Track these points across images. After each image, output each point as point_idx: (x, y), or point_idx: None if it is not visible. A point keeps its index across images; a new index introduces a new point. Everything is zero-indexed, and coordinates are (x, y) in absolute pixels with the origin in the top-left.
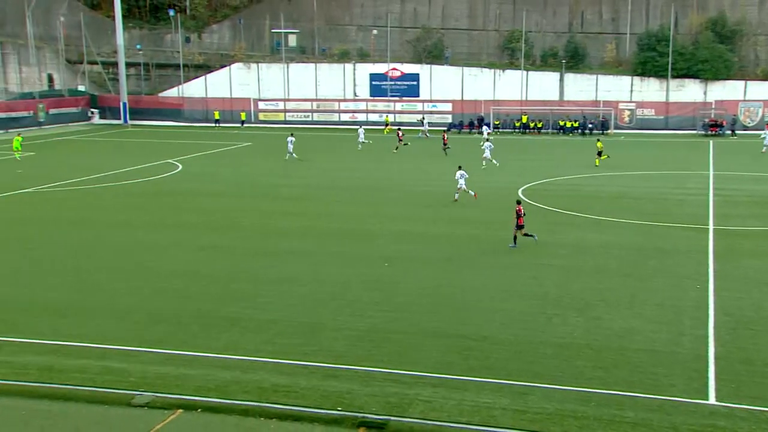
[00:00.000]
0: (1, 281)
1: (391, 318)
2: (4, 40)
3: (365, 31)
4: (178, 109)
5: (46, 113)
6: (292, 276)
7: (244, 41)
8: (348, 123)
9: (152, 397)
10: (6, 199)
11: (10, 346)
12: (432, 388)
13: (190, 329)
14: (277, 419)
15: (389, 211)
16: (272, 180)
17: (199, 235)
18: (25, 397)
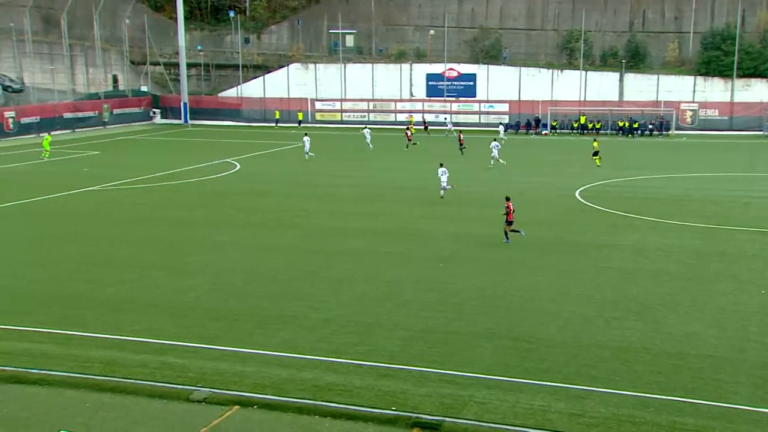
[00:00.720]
0: (68, 277)
1: (446, 318)
2: (72, 43)
3: (422, 31)
4: (236, 109)
5: (111, 113)
6: (347, 275)
7: (302, 42)
8: (405, 123)
9: (210, 392)
10: (72, 196)
11: (77, 340)
12: (487, 389)
13: (246, 327)
14: (332, 418)
15: (444, 212)
16: (329, 180)
17: (256, 234)
18: (90, 390)
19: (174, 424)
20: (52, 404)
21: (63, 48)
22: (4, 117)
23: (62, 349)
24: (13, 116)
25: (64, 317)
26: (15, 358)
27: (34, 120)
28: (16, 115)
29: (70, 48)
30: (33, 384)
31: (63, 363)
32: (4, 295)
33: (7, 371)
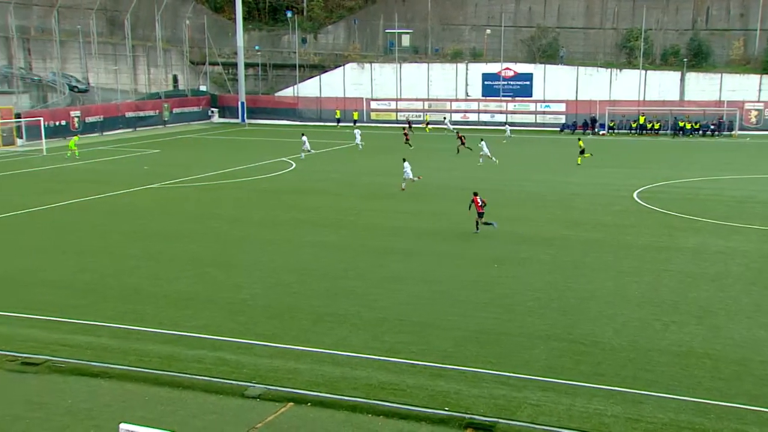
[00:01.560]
0: (129, 272)
1: (500, 319)
2: (135, 44)
3: (479, 30)
4: (293, 109)
5: (171, 112)
6: (401, 274)
7: (358, 41)
8: (460, 123)
9: (264, 389)
10: (133, 194)
11: (137, 334)
12: (541, 391)
13: (301, 324)
14: (384, 417)
15: (499, 212)
16: (383, 179)
17: (311, 232)
18: (148, 384)
19: (229, 420)
20: (113, 397)
21: (126, 49)
22: (70, 116)
23: (122, 343)
24: (78, 116)
25: (124, 312)
26: (78, 351)
27: (98, 119)
28: (82, 115)
29: (133, 49)
30: (95, 377)
31: (123, 357)
32: (67, 289)
33: (71, 364)
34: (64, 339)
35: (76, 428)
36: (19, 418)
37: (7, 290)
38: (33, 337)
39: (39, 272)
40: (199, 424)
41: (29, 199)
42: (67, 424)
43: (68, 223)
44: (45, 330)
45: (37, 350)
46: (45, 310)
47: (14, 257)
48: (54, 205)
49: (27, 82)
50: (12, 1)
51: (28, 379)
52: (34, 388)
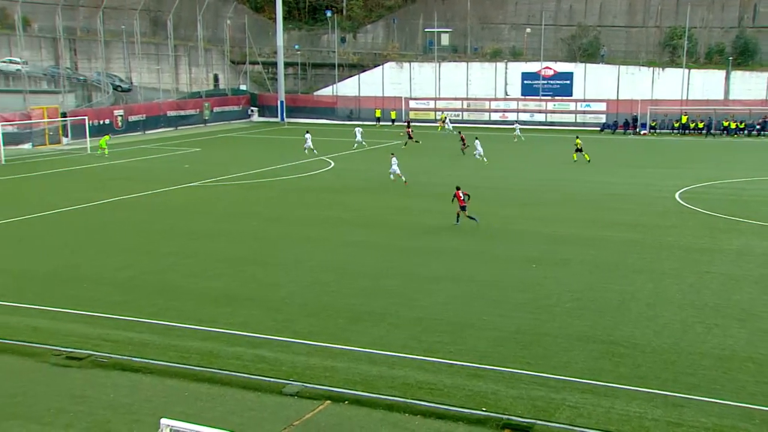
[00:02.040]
0: (169, 269)
1: (539, 320)
2: (177, 43)
3: (519, 29)
4: (331, 108)
5: (211, 111)
6: (439, 274)
7: (397, 41)
8: (498, 122)
9: (302, 387)
10: (174, 192)
11: (177, 331)
12: (580, 393)
13: (339, 323)
14: (422, 416)
15: (538, 212)
16: (421, 178)
17: (349, 231)
18: (188, 380)
19: (267, 417)
20: (154, 392)
21: (168, 48)
22: (114, 115)
23: (163, 339)
24: (121, 114)
25: (164, 308)
26: (120, 347)
27: (140, 118)
28: (125, 114)
29: (174, 48)
30: (136, 372)
31: (164, 353)
32: (109, 286)
33: (113, 359)
34: (107, 334)
35: (117, 422)
36: (64, 411)
37: (52, 286)
38: (77, 332)
39: (82, 268)
40: (238, 421)
41: (74, 197)
42: (109, 418)
43: (111, 220)
44: (88, 325)
45: (81, 345)
46: (88, 305)
47: (59, 253)
48: (97, 203)
49: (73, 82)
50: (60, 3)
51: (72, 373)
52: (78, 382)
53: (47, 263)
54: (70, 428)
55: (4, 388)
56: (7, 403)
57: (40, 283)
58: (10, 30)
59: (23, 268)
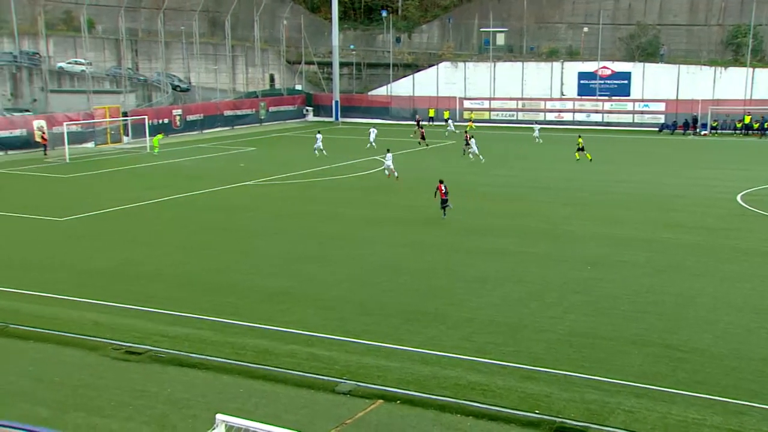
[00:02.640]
0: (225, 267)
1: (593, 322)
2: (234, 44)
3: (576, 28)
4: (385, 107)
5: (267, 111)
6: (492, 275)
7: (453, 40)
8: (554, 122)
9: (354, 385)
10: (230, 190)
11: (233, 328)
12: (635, 397)
13: (392, 322)
14: (474, 417)
15: (593, 213)
16: (473, 178)
17: (403, 231)
18: (243, 376)
19: (320, 415)
20: (210, 388)
21: (226, 49)
22: (172, 115)
23: (219, 335)
24: (180, 114)
25: (220, 305)
26: (177, 343)
27: (198, 117)
28: (183, 113)
29: (232, 49)
30: (193, 367)
31: (220, 349)
32: (167, 282)
33: (171, 354)
34: (165, 330)
35: (174, 417)
36: (124, 405)
37: (113, 281)
38: (136, 327)
39: (141, 265)
40: (292, 418)
41: (133, 195)
42: (167, 412)
43: (169, 218)
44: (147, 321)
45: (140, 340)
46: (147, 301)
47: (120, 249)
48: (156, 201)
49: (134, 82)
50: (123, 5)
51: (132, 367)
52: (137, 376)
53: (108, 259)
54: (130, 421)
55: (69, 380)
56: (71, 395)
57: (101, 278)
58: (75, 32)
59: (85, 265)
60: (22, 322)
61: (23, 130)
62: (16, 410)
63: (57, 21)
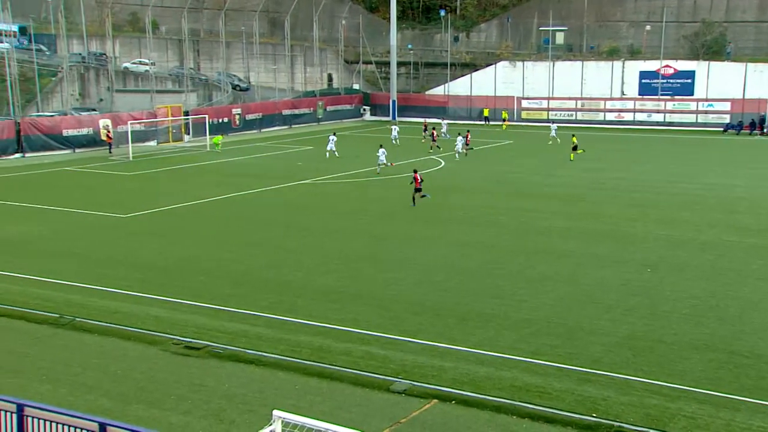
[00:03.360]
0: (283, 265)
1: (653, 326)
2: (293, 43)
3: (637, 27)
4: (443, 107)
5: (324, 110)
6: (549, 276)
7: (511, 40)
8: (614, 122)
9: (409, 385)
10: (288, 188)
11: (289, 325)
12: (697, 403)
13: (447, 322)
14: (530, 419)
15: (655, 214)
16: (532, 178)
17: (459, 230)
18: (299, 373)
19: (374, 413)
20: (266, 384)
21: (285, 49)
22: (232, 114)
23: (275, 332)
24: (239, 113)
25: (277, 302)
26: (235, 339)
27: (256, 117)
28: (242, 112)
29: (291, 48)
30: (249, 363)
31: (276, 346)
32: (225, 279)
33: (228, 350)
34: (223, 326)
35: (232, 411)
36: (184, 399)
37: (174, 277)
38: (195, 322)
39: (201, 261)
40: (346, 416)
41: (193, 192)
42: (224, 407)
43: (227, 215)
44: (206, 317)
45: (199, 335)
46: (205, 297)
47: (180, 246)
48: (216, 198)
49: (195, 82)
50: (186, 6)
51: (191, 362)
52: (196, 371)
53: (169, 256)
54: (189, 415)
55: (131, 373)
56: (132, 388)
57: (162, 274)
58: (140, 33)
59: (147, 261)
60: (87, 316)
61: (90, 129)
62: (81, 401)
63: (123, 22)
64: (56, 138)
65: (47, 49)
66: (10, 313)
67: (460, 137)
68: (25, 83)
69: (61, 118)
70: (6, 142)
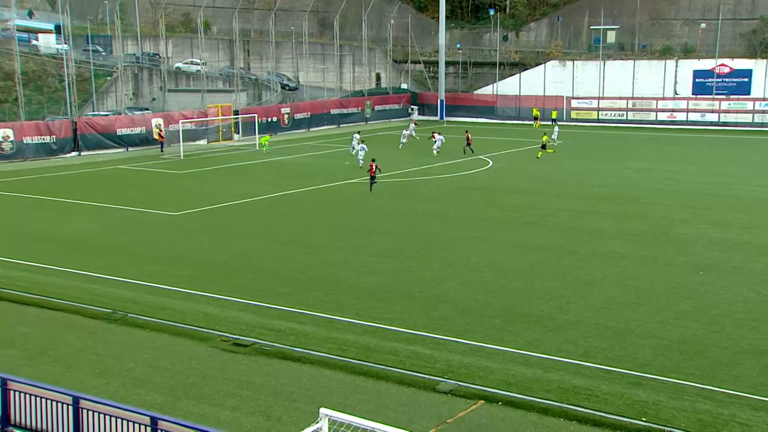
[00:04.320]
0: (330, 263)
1: (705, 330)
2: (342, 43)
3: (692, 25)
4: (491, 107)
5: (372, 110)
6: (598, 278)
7: (561, 39)
8: (666, 123)
9: (456, 385)
10: (335, 188)
11: (336, 323)
12: (751, 410)
13: (494, 323)
14: (577, 422)
15: (709, 216)
16: (581, 179)
17: (506, 231)
18: (345, 372)
19: (420, 413)
20: (313, 382)
21: (334, 48)
22: (281, 113)
23: (322, 331)
24: (288, 112)
25: (324, 301)
26: (282, 336)
27: (305, 116)
28: (291, 112)
29: (340, 48)
30: (297, 361)
31: (323, 344)
32: (274, 277)
33: (276, 348)
34: (270, 324)
35: (279, 408)
36: (231, 395)
37: (223, 275)
38: (243, 320)
39: (250, 259)
40: (392, 415)
41: (242, 191)
42: (271, 404)
43: (276, 213)
44: (254, 314)
45: (246, 333)
46: (254, 295)
47: (230, 244)
48: (265, 197)
49: (245, 81)
50: (237, 7)
51: (239, 359)
52: (244, 368)
53: (218, 254)
54: (237, 411)
55: (181, 369)
56: (182, 383)
57: (212, 272)
58: (192, 33)
59: (197, 258)
60: (139, 312)
61: (142, 128)
62: (133, 395)
63: (176, 23)
64: (110, 137)
65: (103, 50)
66: (66, 308)
67: (440, 136)
68: (82, 83)
69: (115, 118)
70: (64, 141)
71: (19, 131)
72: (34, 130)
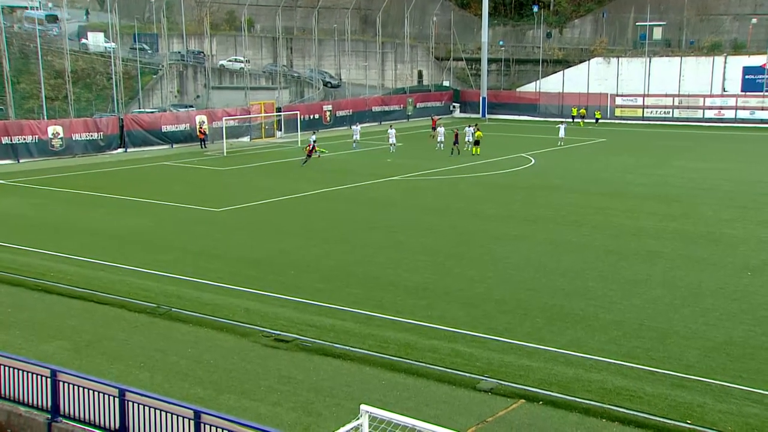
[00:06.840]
0: (370, 260)
1: (753, 332)
2: (384, 40)
3: (742, 20)
4: (533, 104)
5: (414, 107)
6: (642, 278)
7: (606, 35)
8: (713, 120)
9: (496, 384)
10: (377, 185)
11: (376, 320)
12: None
13: (535, 322)
14: (620, 423)
15: (758, 217)
16: (625, 177)
17: (548, 229)
18: (385, 369)
19: (461, 411)
20: (353, 378)
21: (376, 46)
22: (323, 110)
23: (362, 328)
24: (330, 110)
25: (364, 298)
26: (323, 333)
27: (347, 113)
28: (333, 109)
29: (382, 45)
30: (337, 358)
31: (363, 341)
32: (314, 273)
33: (316, 344)
34: (311, 320)
35: (319, 404)
36: (273, 390)
37: (264, 271)
38: (284, 315)
39: (291, 255)
40: (432, 413)
41: (284, 188)
42: (312, 400)
43: (316, 210)
44: (295, 310)
45: (287, 328)
46: (295, 291)
47: (271, 240)
48: (307, 194)
49: (288, 79)
50: (280, 5)
51: (280, 354)
52: (285, 364)
53: (260, 250)
54: (278, 406)
55: (223, 363)
56: (224, 377)
57: (253, 267)
58: (236, 31)
59: (239, 254)
60: (182, 307)
61: (187, 125)
62: (177, 389)
63: (220, 21)
64: (156, 133)
65: (149, 48)
66: (111, 302)
67: (442, 128)
68: (129, 81)
69: (160, 115)
70: (111, 138)
71: (68, 128)
72: (83, 127)
